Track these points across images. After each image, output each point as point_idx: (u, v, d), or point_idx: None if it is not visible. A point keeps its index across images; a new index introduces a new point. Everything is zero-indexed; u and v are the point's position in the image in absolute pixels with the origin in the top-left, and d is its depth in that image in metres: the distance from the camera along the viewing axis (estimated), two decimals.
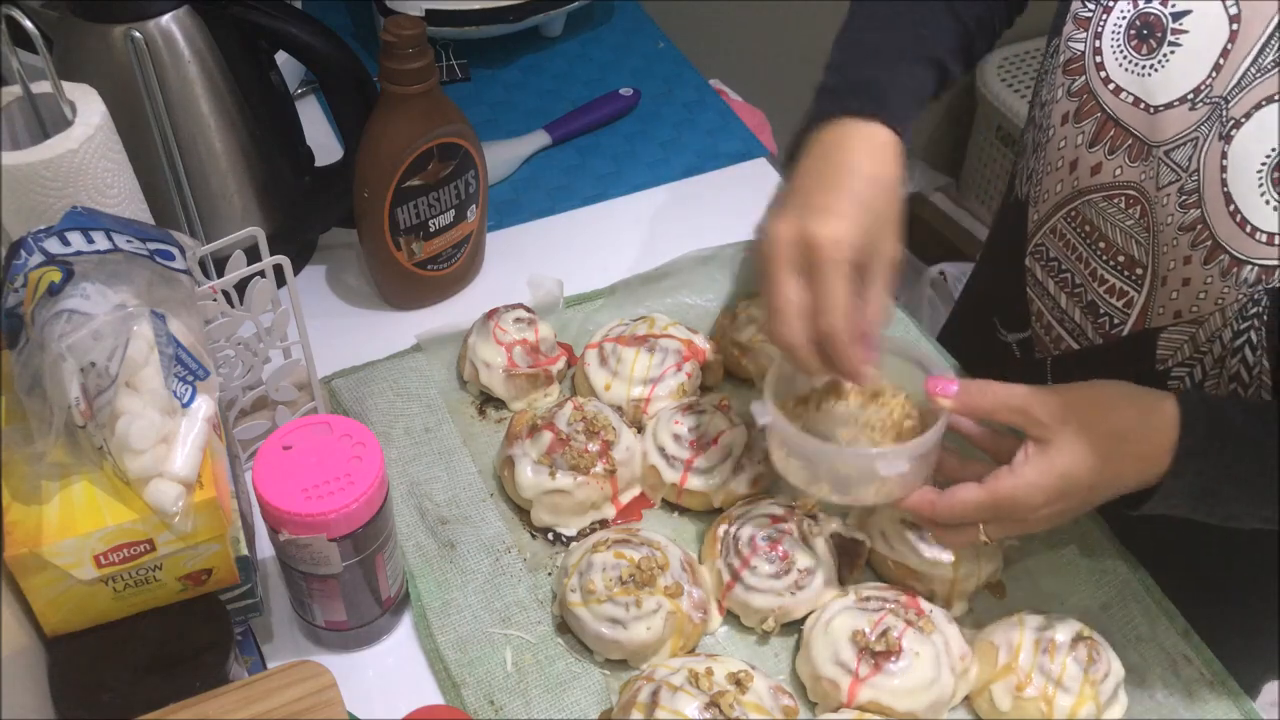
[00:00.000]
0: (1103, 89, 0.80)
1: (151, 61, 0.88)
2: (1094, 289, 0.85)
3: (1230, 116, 0.73)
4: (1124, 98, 0.79)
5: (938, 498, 0.75)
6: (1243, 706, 0.80)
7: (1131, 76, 0.78)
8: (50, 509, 0.64)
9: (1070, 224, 0.85)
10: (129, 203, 0.79)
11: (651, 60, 1.35)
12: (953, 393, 0.75)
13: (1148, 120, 0.78)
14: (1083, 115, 0.82)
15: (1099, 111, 0.80)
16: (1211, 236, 0.75)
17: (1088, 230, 0.84)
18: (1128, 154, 0.79)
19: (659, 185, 1.19)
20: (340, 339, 0.99)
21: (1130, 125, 0.79)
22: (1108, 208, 0.82)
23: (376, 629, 0.81)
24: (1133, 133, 0.79)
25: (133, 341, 0.63)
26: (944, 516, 0.75)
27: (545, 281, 1.02)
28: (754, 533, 0.81)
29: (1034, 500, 0.72)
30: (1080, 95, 0.82)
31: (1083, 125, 0.82)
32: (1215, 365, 0.79)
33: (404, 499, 0.88)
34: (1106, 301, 0.84)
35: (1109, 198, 0.81)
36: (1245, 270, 0.74)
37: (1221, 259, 0.75)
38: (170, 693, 0.65)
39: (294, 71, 1.19)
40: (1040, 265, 0.90)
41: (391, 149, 0.93)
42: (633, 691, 0.74)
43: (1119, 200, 0.81)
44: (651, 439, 0.89)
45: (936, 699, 0.75)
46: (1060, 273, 0.88)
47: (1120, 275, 0.82)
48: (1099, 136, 0.81)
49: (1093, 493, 0.73)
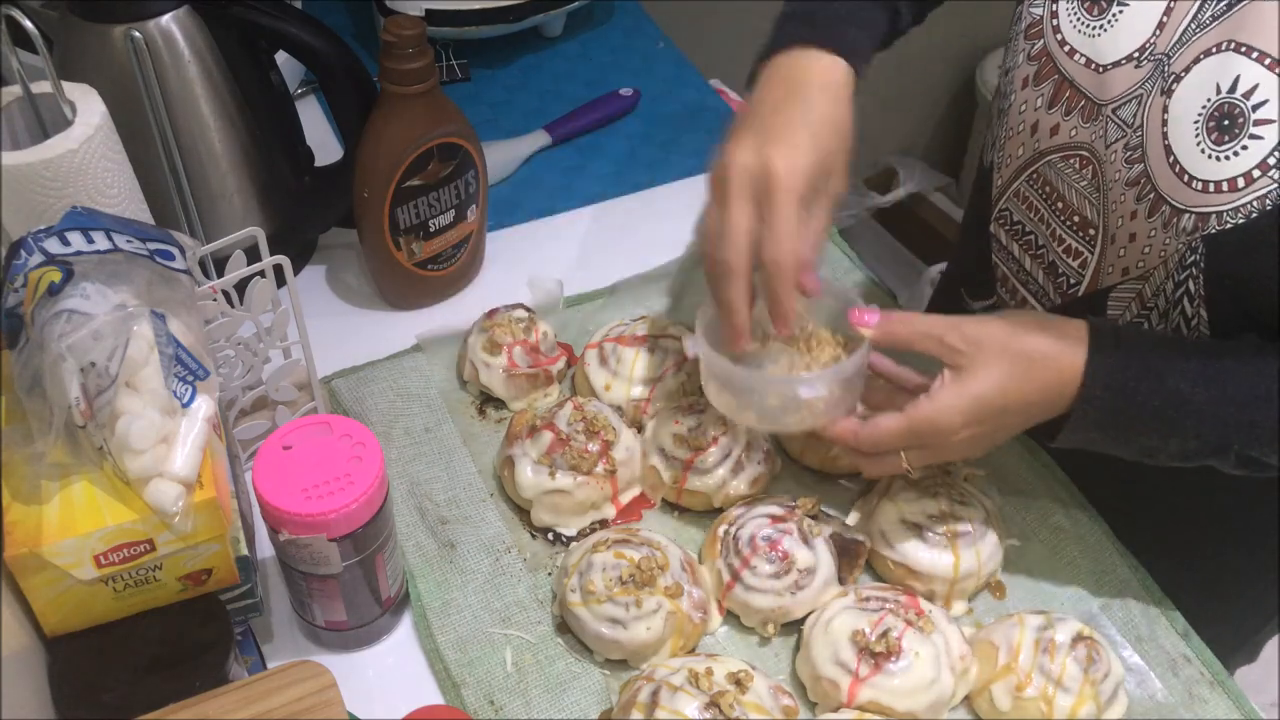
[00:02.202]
0: (1058, 50, 0.82)
1: (151, 61, 0.88)
2: (1054, 249, 0.87)
3: (1171, 72, 0.75)
4: (1077, 59, 0.81)
5: (859, 426, 0.78)
6: (1243, 706, 0.80)
7: (1083, 37, 0.81)
8: (50, 509, 0.64)
9: (1032, 186, 0.87)
10: (129, 203, 0.79)
11: (651, 60, 1.35)
12: (874, 322, 0.78)
13: (1097, 79, 0.80)
14: (1041, 78, 0.84)
15: (1056, 73, 0.83)
16: (1154, 189, 0.77)
17: (1048, 191, 0.86)
18: (1081, 114, 0.81)
19: (659, 185, 1.19)
20: (340, 339, 0.99)
21: (1082, 85, 0.81)
22: (1064, 168, 0.84)
23: (376, 629, 0.81)
24: (1084, 93, 0.81)
25: (133, 341, 0.63)
26: (866, 443, 0.78)
27: (545, 281, 1.02)
28: (754, 533, 0.81)
29: (951, 423, 0.75)
30: (1040, 59, 0.84)
31: (1041, 88, 0.84)
32: (1160, 320, 0.81)
33: (404, 499, 0.88)
34: (1065, 262, 0.86)
35: (1065, 158, 0.84)
36: (1184, 219, 0.75)
37: (1163, 210, 0.76)
38: (170, 693, 0.65)
39: (294, 71, 1.19)
40: (1005, 230, 0.92)
41: (391, 149, 0.93)
42: (633, 691, 0.74)
43: (1073, 161, 0.83)
44: (651, 439, 0.89)
45: (936, 699, 0.75)
46: (1024, 235, 0.90)
47: (1075, 235, 0.84)
48: (1056, 98, 0.83)
49: (1004, 416, 0.75)
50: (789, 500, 0.84)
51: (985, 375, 0.74)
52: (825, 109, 0.79)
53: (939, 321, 0.76)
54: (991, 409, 0.74)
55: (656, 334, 0.94)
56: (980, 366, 0.74)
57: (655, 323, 0.96)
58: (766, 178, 0.75)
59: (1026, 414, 0.76)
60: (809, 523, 0.82)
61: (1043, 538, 0.88)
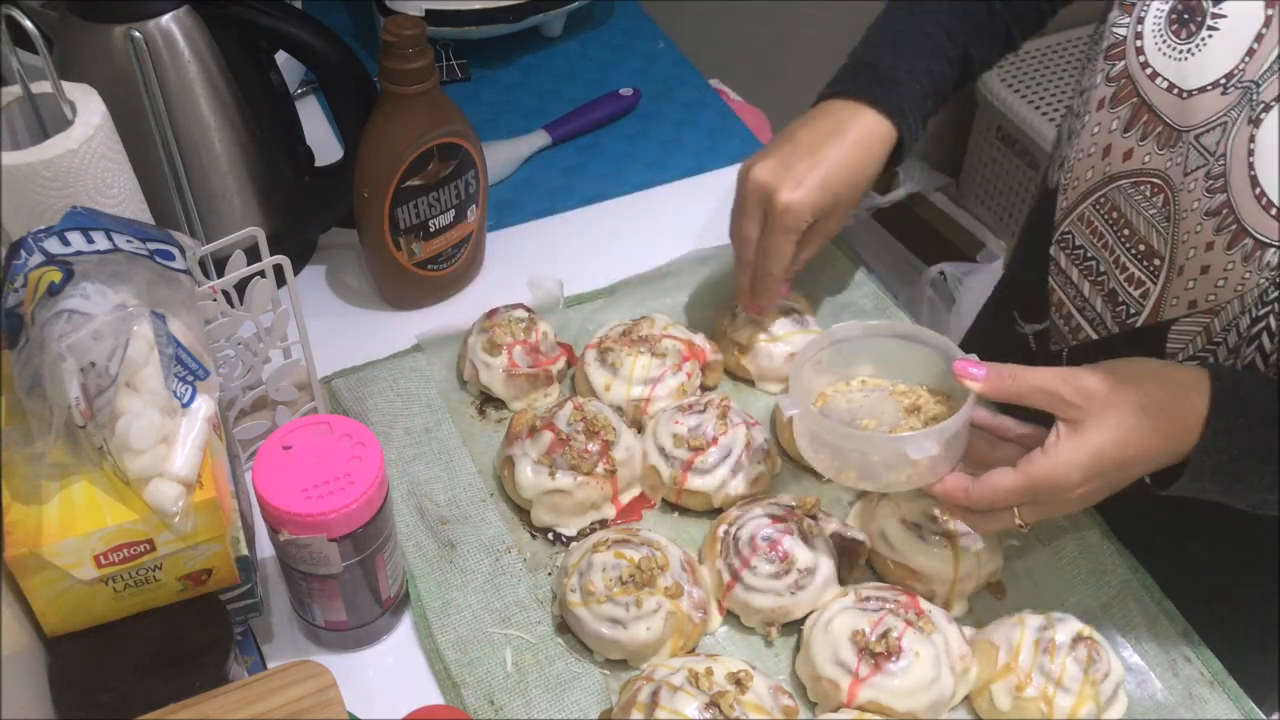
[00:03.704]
0: (1140, 73, 0.81)
1: (151, 61, 0.88)
2: (1116, 277, 0.86)
3: (1260, 100, 0.74)
4: (1159, 82, 0.80)
5: (972, 484, 0.75)
6: (1243, 706, 0.80)
7: (1168, 61, 0.79)
8: (50, 509, 0.64)
9: (1099, 210, 0.86)
10: (129, 203, 0.79)
11: (651, 60, 1.35)
12: (981, 376, 0.76)
13: (1179, 105, 0.78)
14: (1119, 100, 0.83)
15: (1135, 96, 0.81)
16: (1236, 221, 0.75)
17: (1115, 217, 0.84)
18: (1157, 140, 0.80)
19: (659, 185, 1.19)
20: (340, 339, 0.99)
21: (1162, 111, 0.80)
22: (1135, 194, 0.82)
23: (376, 629, 0.81)
24: (1163, 119, 0.79)
25: (133, 341, 0.63)
26: (980, 502, 0.75)
27: (545, 281, 1.02)
28: (754, 533, 0.81)
29: (1070, 480, 0.72)
30: (1118, 80, 0.83)
31: (1118, 110, 0.83)
32: (1230, 355, 0.79)
33: (404, 499, 0.88)
34: (1126, 290, 0.85)
35: (1136, 184, 0.82)
36: (1268, 253, 0.74)
37: (1245, 243, 0.75)
38: (170, 693, 0.65)
39: (294, 71, 1.19)
40: (1065, 253, 0.91)
41: (391, 149, 0.93)
42: (633, 691, 0.74)
43: (1145, 188, 0.82)
44: (651, 439, 0.89)
45: (936, 699, 0.75)
46: (1085, 260, 0.89)
47: (1139, 264, 0.83)
48: (1132, 122, 0.82)
49: (1123, 469, 0.74)
50: (789, 500, 0.84)
51: (1103, 428, 0.72)
52: (850, 163, 0.88)
53: (1050, 375, 0.74)
54: (1111, 463, 0.72)
55: (657, 334, 0.94)
56: (1097, 419, 0.72)
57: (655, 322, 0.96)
58: (771, 208, 0.87)
59: (1145, 465, 0.74)
60: (809, 523, 0.82)
61: (1043, 538, 0.88)
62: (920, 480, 0.77)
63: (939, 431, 0.76)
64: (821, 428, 0.79)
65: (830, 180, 0.87)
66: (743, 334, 0.97)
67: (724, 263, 1.06)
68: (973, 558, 0.82)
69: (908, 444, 0.75)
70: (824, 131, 0.88)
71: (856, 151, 0.88)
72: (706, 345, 0.96)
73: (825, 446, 0.80)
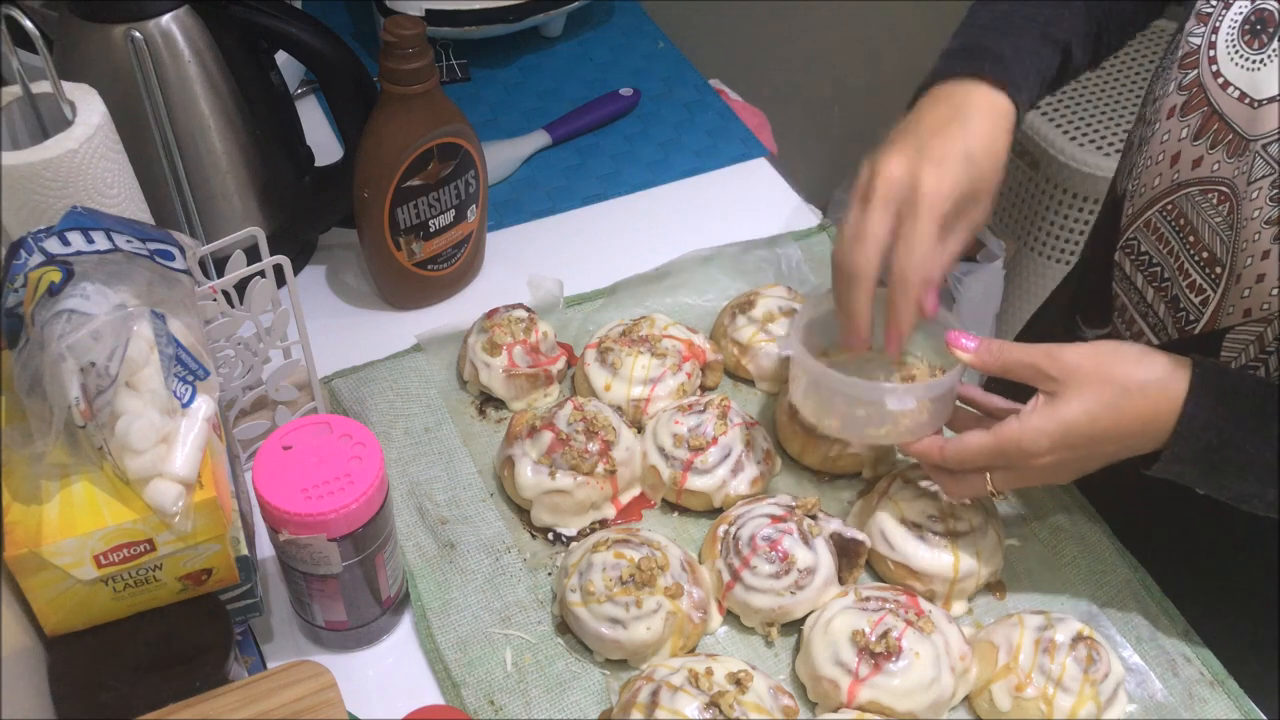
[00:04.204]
0: (1212, 82, 0.81)
1: (151, 61, 0.88)
2: (1179, 284, 0.86)
3: None
4: (1230, 91, 0.80)
5: (945, 441, 0.78)
6: (1243, 706, 0.80)
7: (1240, 70, 0.80)
8: (50, 509, 0.64)
9: (1165, 217, 0.86)
10: (129, 203, 0.79)
11: (651, 60, 1.35)
12: (971, 348, 0.78)
13: (1249, 114, 0.79)
14: (1190, 109, 0.83)
15: (1206, 105, 0.82)
16: None
17: (1182, 224, 0.85)
18: (1226, 149, 0.80)
19: (659, 185, 1.19)
20: (340, 339, 0.99)
21: (1232, 119, 0.80)
22: (1202, 202, 0.83)
23: (376, 629, 0.81)
24: (1233, 127, 0.80)
25: (133, 341, 0.63)
26: (951, 459, 0.78)
27: (545, 281, 1.02)
28: (754, 533, 0.81)
29: (1038, 446, 0.74)
30: (1191, 89, 0.83)
31: (1189, 119, 0.83)
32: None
33: (404, 499, 0.88)
34: (1188, 297, 0.85)
35: (1204, 192, 0.82)
36: None
37: None
38: (170, 693, 0.65)
39: (294, 71, 1.19)
40: (1130, 259, 0.91)
41: (391, 149, 0.93)
42: (633, 691, 0.74)
43: (1212, 195, 0.82)
44: (651, 439, 0.89)
45: (936, 699, 0.75)
46: (1150, 266, 0.89)
47: (1202, 271, 0.83)
48: (1203, 130, 0.82)
49: (1094, 445, 0.75)
50: (789, 500, 0.84)
51: (1077, 402, 0.73)
52: (986, 136, 0.79)
53: (1036, 349, 0.76)
54: (1080, 435, 0.74)
55: (657, 334, 0.94)
56: (1073, 393, 0.74)
57: (655, 322, 0.96)
58: (913, 192, 0.76)
59: (1119, 443, 0.75)
60: (809, 523, 0.82)
61: (1043, 538, 0.88)
62: (898, 437, 0.80)
63: (922, 388, 0.79)
64: (811, 369, 0.81)
65: (972, 152, 0.78)
66: (743, 334, 0.97)
67: (724, 262, 1.06)
68: (973, 558, 0.82)
69: (888, 395, 0.78)
70: (946, 113, 0.81)
71: (988, 125, 0.80)
72: (706, 345, 0.96)
73: (814, 391, 0.82)
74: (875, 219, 0.76)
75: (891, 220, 0.76)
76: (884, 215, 0.76)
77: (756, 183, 1.20)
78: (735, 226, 1.11)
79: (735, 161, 1.22)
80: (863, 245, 0.77)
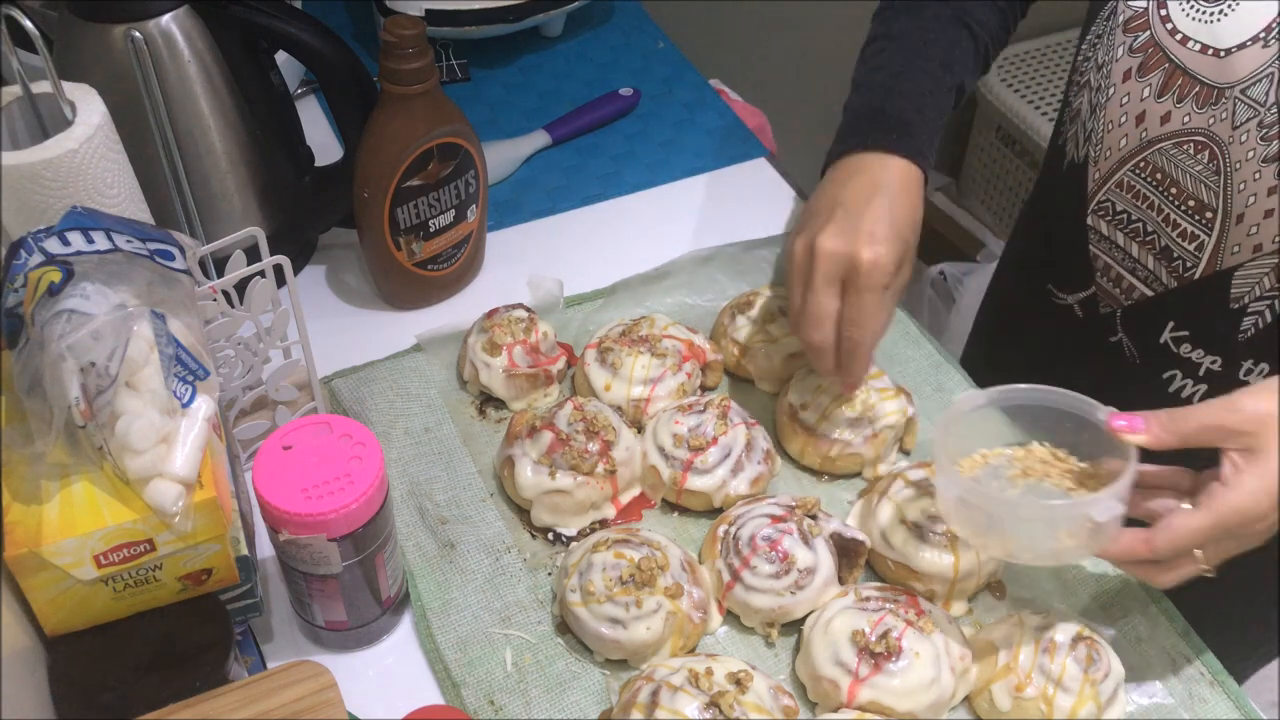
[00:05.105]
0: (1169, 40, 0.84)
1: (151, 61, 0.88)
2: (1168, 234, 0.88)
3: None
4: (1191, 46, 0.83)
5: (1151, 534, 0.71)
6: (1243, 706, 0.80)
7: (1198, 24, 0.82)
8: (50, 509, 0.64)
9: (1138, 175, 0.89)
10: (129, 203, 0.79)
11: (651, 60, 1.35)
12: (1142, 427, 0.72)
13: (1216, 64, 0.81)
14: (1148, 69, 0.86)
15: (1166, 62, 0.84)
16: None
17: (1159, 178, 0.87)
18: (1195, 100, 0.83)
19: (659, 185, 1.19)
20: (340, 339, 0.99)
21: (1198, 72, 0.83)
22: (1178, 154, 0.85)
23: (376, 629, 0.81)
24: (1200, 79, 0.82)
25: (133, 341, 0.63)
26: (1164, 550, 0.71)
27: (545, 281, 1.02)
28: (754, 533, 0.81)
29: (1260, 508, 0.69)
30: (1144, 50, 0.86)
31: (1149, 78, 0.86)
32: None
33: (404, 499, 0.88)
34: (1179, 245, 0.87)
35: (1179, 144, 0.85)
36: None
37: None
38: (170, 693, 0.65)
39: (294, 71, 1.19)
40: (1106, 221, 0.93)
41: (391, 149, 0.93)
42: (633, 691, 0.74)
43: (1188, 146, 0.84)
44: (651, 439, 0.89)
45: (936, 699, 0.75)
46: (1130, 224, 0.91)
47: (1190, 219, 0.86)
48: (1167, 86, 0.85)
49: None
50: (789, 500, 0.84)
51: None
52: (909, 209, 0.85)
53: (1213, 408, 0.71)
54: None
55: (657, 334, 0.94)
56: (1276, 443, 0.69)
57: (655, 322, 0.96)
58: (854, 270, 0.81)
59: None
60: (809, 523, 0.82)
61: None
62: (1095, 548, 0.73)
63: (1119, 489, 0.70)
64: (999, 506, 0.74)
65: (899, 228, 0.83)
66: (743, 334, 0.97)
67: (724, 262, 1.06)
68: (973, 558, 0.82)
69: (1091, 508, 0.70)
70: (864, 187, 0.85)
71: (907, 198, 0.85)
72: (706, 345, 0.96)
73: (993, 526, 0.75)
74: (822, 299, 0.82)
75: (836, 297, 0.82)
76: (829, 293, 0.82)
77: (756, 183, 1.20)
78: (735, 226, 1.11)
79: (735, 161, 1.22)
80: (817, 326, 0.83)
